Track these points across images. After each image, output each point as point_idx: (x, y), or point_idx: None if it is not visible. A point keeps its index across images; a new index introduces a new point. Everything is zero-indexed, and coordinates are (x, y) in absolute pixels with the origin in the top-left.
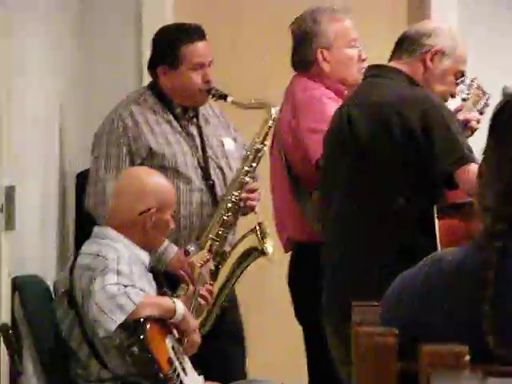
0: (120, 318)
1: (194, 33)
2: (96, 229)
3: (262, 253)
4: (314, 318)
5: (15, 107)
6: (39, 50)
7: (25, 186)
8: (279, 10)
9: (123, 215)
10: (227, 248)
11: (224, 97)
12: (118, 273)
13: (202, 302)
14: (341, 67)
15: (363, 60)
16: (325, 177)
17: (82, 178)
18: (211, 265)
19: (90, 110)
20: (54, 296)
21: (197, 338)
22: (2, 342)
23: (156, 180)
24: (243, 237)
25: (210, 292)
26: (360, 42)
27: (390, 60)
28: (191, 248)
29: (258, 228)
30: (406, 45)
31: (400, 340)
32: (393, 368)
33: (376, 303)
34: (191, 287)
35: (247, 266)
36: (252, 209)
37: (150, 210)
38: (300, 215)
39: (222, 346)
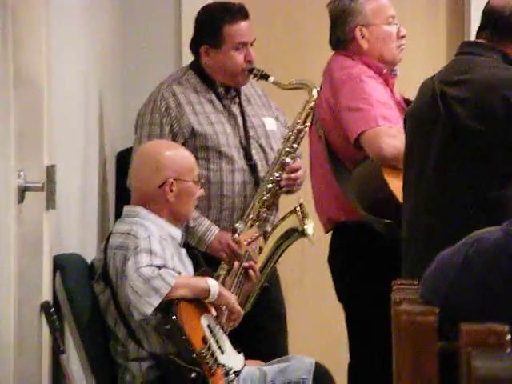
0: (155, 301)
1: (237, 12)
2: (126, 208)
3: (303, 234)
4: (354, 296)
5: (55, 87)
6: (80, 29)
7: (65, 166)
8: None
9: (144, 191)
10: (268, 228)
11: (266, 77)
12: (151, 252)
13: (252, 274)
14: (379, 44)
15: (402, 37)
16: (409, 156)
17: (122, 158)
18: (261, 242)
19: (129, 90)
20: (92, 275)
21: (239, 310)
22: (44, 320)
23: (168, 150)
24: (284, 217)
25: (253, 269)
26: (400, 21)
27: (478, 35)
28: (239, 226)
29: (298, 208)
30: (498, 22)
31: (440, 319)
32: (433, 347)
33: (416, 282)
34: (236, 264)
35: (288, 247)
36: (295, 189)
37: (167, 181)
38: (340, 195)
39: (264, 323)
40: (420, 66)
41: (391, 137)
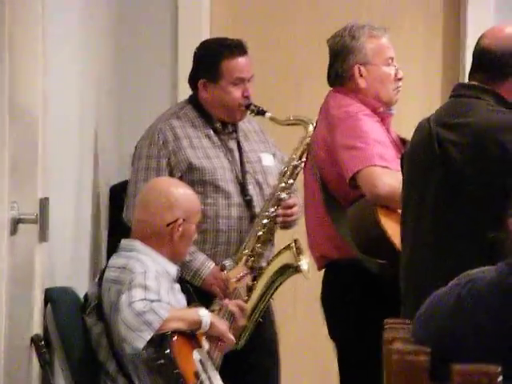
0: (147, 335)
1: (235, 47)
2: (123, 241)
3: (297, 270)
4: (345, 334)
5: (50, 119)
6: (76, 62)
7: (59, 198)
8: (313, 27)
9: (150, 227)
10: (263, 264)
11: (262, 112)
12: (146, 288)
13: (232, 308)
14: (377, 84)
15: (399, 79)
16: (407, 197)
17: (116, 191)
18: (248, 280)
19: (124, 123)
20: (84, 309)
21: (230, 338)
22: (34, 353)
23: (182, 190)
24: (279, 253)
25: (241, 307)
26: (396, 61)
27: (471, 77)
28: (227, 263)
29: (293, 244)
30: (490, 63)
31: (432, 359)
32: None
33: (408, 321)
34: (225, 301)
35: (282, 283)
36: (290, 225)
37: (177, 220)
38: (333, 233)
39: (257, 359)
40: (415, 105)
41: (387, 176)
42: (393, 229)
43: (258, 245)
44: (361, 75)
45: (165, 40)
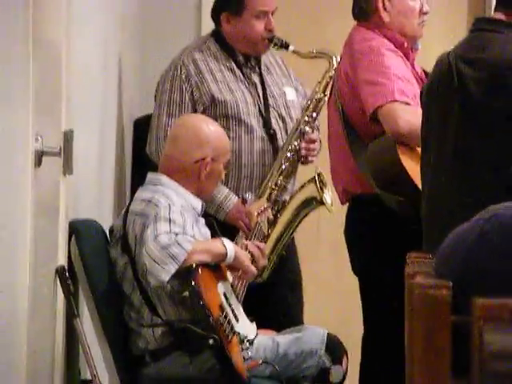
0: (173, 268)
1: None
2: (150, 175)
3: (321, 202)
4: (369, 268)
5: (74, 53)
6: None
7: (83, 131)
8: None
9: (178, 162)
10: (286, 197)
11: (285, 46)
12: (170, 221)
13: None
14: (401, 18)
15: (425, 13)
16: (426, 131)
17: (140, 124)
18: (270, 214)
19: (147, 57)
20: (109, 240)
21: (253, 269)
22: (59, 284)
23: (213, 129)
24: (302, 186)
25: (260, 248)
26: None
27: (495, 11)
28: (248, 197)
29: (316, 178)
30: None
31: (453, 293)
32: (446, 321)
33: (430, 255)
34: (244, 242)
35: (306, 216)
36: (310, 160)
37: (205, 158)
38: (355, 167)
39: (280, 292)
40: (440, 40)
41: (408, 113)
42: (412, 167)
43: (281, 178)
44: (385, 9)
45: None
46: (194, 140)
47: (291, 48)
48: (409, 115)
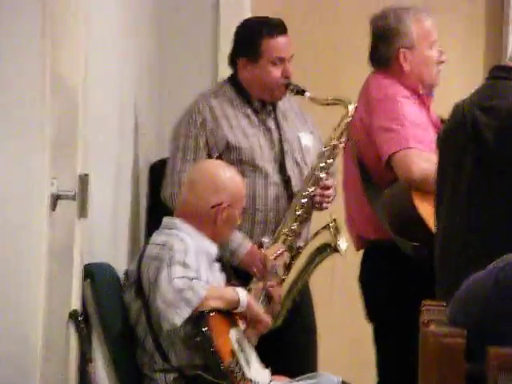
0: (186, 313)
1: (275, 27)
2: (165, 219)
3: (335, 249)
4: (383, 315)
5: (91, 96)
6: (117, 38)
7: (99, 175)
8: (357, 7)
9: (195, 207)
10: (301, 243)
11: (302, 92)
12: (185, 265)
13: (273, 295)
14: (421, 68)
15: (442, 62)
16: (441, 178)
17: (156, 169)
18: (286, 258)
19: (164, 101)
20: (123, 284)
21: (266, 319)
22: (72, 328)
23: (230, 175)
24: (317, 233)
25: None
26: (438, 42)
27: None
28: (265, 240)
29: (331, 224)
30: None
31: (468, 342)
32: (460, 369)
33: (444, 303)
34: (260, 284)
35: (320, 262)
36: (324, 206)
37: (221, 204)
38: (370, 214)
39: (295, 338)
40: (456, 87)
41: (422, 159)
42: (428, 212)
43: (296, 224)
44: (405, 59)
45: (206, 19)
46: (211, 185)
47: (307, 94)
48: (422, 162)
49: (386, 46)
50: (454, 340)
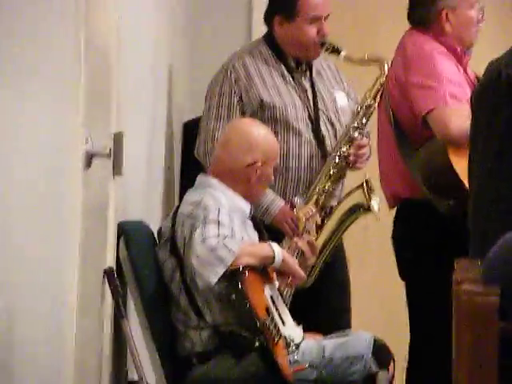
0: (220, 271)
1: None
2: (199, 177)
3: (368, 209)
4: (417, 273)
5: (125, 55)
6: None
7: (133, 133)
8: None
9: (229, 165)
10: (334, 203)
11: (337, 51)
12: (219, 223)
13: (303, 247)
14: (461, 29)
15: (480, 22)
16: (474, 136)
17: (189, 128)
18: (317, 218)
19: (197, 61)
20: (157, 242)
21: (301, 274)
22: (107, 285)
23: (263, 133)
24: (349, 193)
25: (311, 244)
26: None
27: None
28: (297, 200)
29: (364, 185)
30: None
31: (502, 300)
32: (493, 328)
33: (478, 262)
34: (295, 239)
35: (352, 222)
36: (358, 166)
37: (256, 163)
38: (405, 172)
39: (328, 296)
40: (492, 46)
41: (459, 117)
42: (464, 170)
43: (329, 183)
44: (448, 20)
45: None
46: (245, 144)
47: (343, 53)
48: (460, 119)
49: (429, 7)
50: (487, 298)
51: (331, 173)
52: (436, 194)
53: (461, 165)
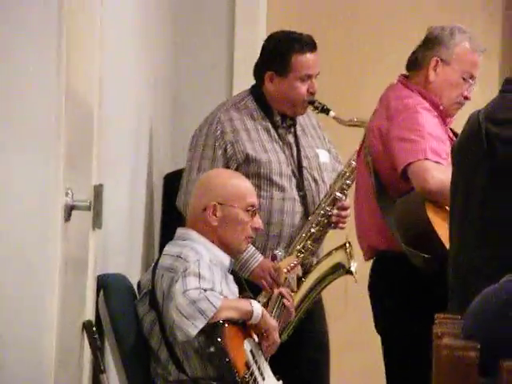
0: (200, 324)
1: (306, 43)
2: (179, 230)
3: (349, 272)
4: (392, 327)
5: (106, 107)
6: (132, 50)
7: (113, 186)
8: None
9: (192, 213)
10: (313, 260)
11: (326, 111)
12: (200, 276)
13: (286, 302)
14: (444, 85)
15: (465, 98)
16: (455, 191)
17: (170, 180)
18: (299, 271)
19: (179, 113)
20: (137, 295)
21: (276, 337)
22: (85, 339)
23: (222, 176)
24: (330, 252)
25: (287, 296)
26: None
27: None
28: (279, 253)
29: (347, 246)
30: None
31: (481, 355)
32: (474, 383)
33: (459, 316)
34: (276, 290)
35: (331, 282)
36: (340, 226)
37: (209, 204)
38: (382, 223)
39: (308, 353)
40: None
41: (439, 171)
42: (440, 225)
43: (310, 241)
44: (435, 70)
45: (222, 31)
46: (200, 189)
47: (332, 114)
48: (440, 174)
49: (424, 50)
50: (467, 353)
51: (313, 231)
52: (411, 246)
53: (437, 220)
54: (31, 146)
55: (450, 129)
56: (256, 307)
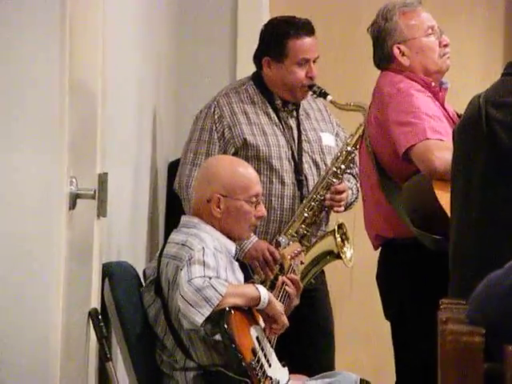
0: (206, 311)
1: (302, 28)
2: (184, 218)
3: (338, 257)
4: (401, 314)
5: (110, 96)
6: (135, 39)
7: (118, 174)
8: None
9: (197, 203)
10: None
11: (324, 95)
12: (204, 264)
13: (288, 289)
14: (420, 58)
15: (445, 45)
16: (455, 174)
17: (174, 167)
18: (303, 257)
19: (182, 100)
20: (143, 283)
21: (284, 320)
22: (91, 328)
23: (226, 167)
24: (322, 237)
25: (296, 283)
26: (456, 39)
27: None
28: (282, 240)
29: (336, 230)
30: None
31: (486, 340)
32: (479, 368)
33: (463, 301)
34: (280, 277)
35: (322, 267)
36: (336, 210)
37: (213, 197)
38: (388, 212)
39: (312, 338)
40: (474, 82)
41: (442, 150)
42: (449, 203)
43: (303, 226)
44: (402, 54)
45: (225, 18)
46: (205, 179)
47: (329, 98)
48: (443, 152)
49: (381, 47)
50: (472, 339)
51: (305, 215)
52: (422, 228)
53: (446, 198)
54: (36, 135)
55: (457, 113)
56: (263, 293)
